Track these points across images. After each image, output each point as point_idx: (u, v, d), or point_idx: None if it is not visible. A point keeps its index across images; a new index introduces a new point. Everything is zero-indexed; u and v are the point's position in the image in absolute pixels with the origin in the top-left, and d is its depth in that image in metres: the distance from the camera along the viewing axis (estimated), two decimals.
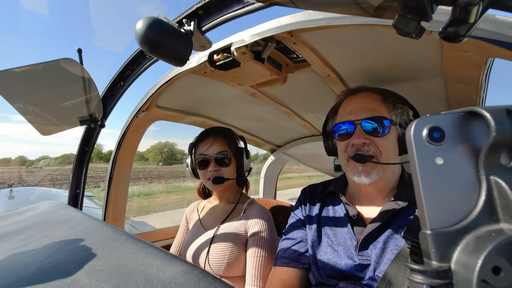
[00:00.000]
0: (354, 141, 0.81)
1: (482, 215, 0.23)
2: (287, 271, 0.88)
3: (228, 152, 1.19)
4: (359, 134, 0.81)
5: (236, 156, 1.21)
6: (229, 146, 1.21)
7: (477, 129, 0.25)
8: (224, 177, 1.17)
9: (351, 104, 0.86)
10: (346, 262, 0.78)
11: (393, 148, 0.81)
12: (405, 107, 0.84)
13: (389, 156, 0.80)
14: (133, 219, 7.04)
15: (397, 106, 0.83)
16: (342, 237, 0.83)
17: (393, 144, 0.81)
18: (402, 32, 0.34)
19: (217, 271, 1.06)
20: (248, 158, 1.24)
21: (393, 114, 0.82)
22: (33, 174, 35.12)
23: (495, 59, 0.71)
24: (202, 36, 0.76)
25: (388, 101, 0.83)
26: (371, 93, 0.86)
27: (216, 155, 1.18)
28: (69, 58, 0.90)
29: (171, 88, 1.23)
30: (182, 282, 0.38)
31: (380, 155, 0.79)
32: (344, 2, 0.36)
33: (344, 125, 0.84)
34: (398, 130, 0.82)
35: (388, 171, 0.82)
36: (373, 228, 0.77)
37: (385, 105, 0.83)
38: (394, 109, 0.82)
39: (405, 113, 0.83)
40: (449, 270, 0.22)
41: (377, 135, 0.79)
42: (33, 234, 0.68)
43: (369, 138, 0.80)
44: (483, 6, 0.29)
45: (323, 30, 0.74)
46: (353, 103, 0.86)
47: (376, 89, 0.88)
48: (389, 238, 0.75)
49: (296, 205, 1.04)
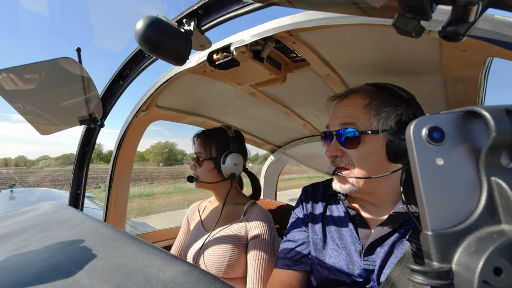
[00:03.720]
0: (326, 154, 0.81)
1: (483, 216, 0.23)
2: (288, 274, 0.87)
3: (201, 153, 1.22)
4: (332, 146, 0.79)
5: (211, 159, 1.20)
6: (204, 148, 1.22)
7: (477, 129, 0.25)
8: (194, 177, 1.22)
9: (335, 112, 0.83)
10: (351, 267, 0.77)
11: (372, 159, 0.75)
12: (393, 110, 0.75)
13: (363, 168, 0.74)
14: (134, 220, 7.04)
15: (380, 110, 0.75)
16: (347, 241, 0.82)
17: (372, 154, 0.75)
18: (402, 32, 0.34)
19: (217, 272, 1.06)
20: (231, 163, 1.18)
21: (374, 121, 0.75)
22: (34, 175, 35.14)
23: (494, 58, 0.71)
24: (201, 35, 0.76)
25: (371, 105, 0.76)
26: (358, 96, 0.80)
27: (193, 154, 1.26)
28: (68, 57, 0.90)
29: (171, 88, 1.23)
30: (182, 282, 0.38)
31: (353, 167, 0.76)
32: (343, 1, 0.36)
33: (324, 135, 0.83)
34: (382, 137, 0.74)
35: (369, 180, 0.75)
36: (381, 234, 0.75)
37: (366, 110, 0.76)
38: (377, 115, 0.75)
39: (391, 116, 0.75)
40: (450, 271, 0.22)
41: (349, 147, 0.76)
42: (34, 235, 0.68)
43: (342, 150, 0.77)
44: (483, 5, 0.29)
45: (323, 29, 0.74)
46: (337, 110, 0.83)
47: (369, 90, 0.81)
48: (395, 243, 0.73)
49: (297, 204, 1.01)
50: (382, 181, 0.77)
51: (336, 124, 0.79)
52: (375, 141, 0.75)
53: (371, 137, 0.74)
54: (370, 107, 0.76)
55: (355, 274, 0.76)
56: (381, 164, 0.75)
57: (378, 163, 0.75)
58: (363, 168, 0.75)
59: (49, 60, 0.86)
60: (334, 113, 0.83)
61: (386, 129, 0.74)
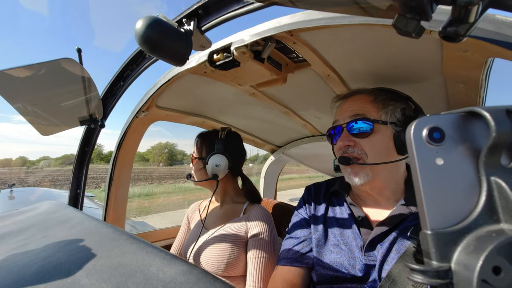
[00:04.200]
0: (338, 144, 0.83)
1: (482, 215, 0.23)
2: (290, 270, 0.88)
3: (194, 153, 1.31)
4: (344, 137, 0.82)
5: (200, 159, 1.27)
6: (197, 148, 1.30)
7: (477, 130, 0.25)
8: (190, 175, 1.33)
9: (341, 108, 0.87)
10: (352, 262, 0.78)
11: (382, 148, 0.78)
12: (398, 104, 0.80)
13: (377, 157, 0.77)
14: (133, 219, 7.04)
15: (387, 104, 0.80)
16: (348, 237, 0.83)
17: (383, 144, 0.78)
18: (402, 32, 0.34)
19: (216, 270, 1.06)
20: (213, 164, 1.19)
21: (383, 113, 0.79)
22: (34, 175, 35.16)
23: (495, 59, 0.71)
24: (201, 35, 0.76)
25: (378, 100, 0.81)
26: (362, 95, 0.85)
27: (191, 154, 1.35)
28: (69, 58, 0.90)
29: (171, 88, 1.23)
30: (182, 281, 0.38)
31: (366, 157, 0.78)
32: (343, 1, 0.36)
33: (334, 130, 0.86)
34: (391, 129, 0.78)
35: (380, 171, 0.78)
36: (382, 231, 0.76)
37: (374, 104, 0.81)
38: (384, 107, 0.79)
39: (397, 110, 0.79)
40: (450, 270, 0.22)
41: (361, 137, 0.79)
42: (34, 234, 0.68)
43: (354, 140, 0.80)
44: (483, 5, 0.29)
45: (323, 29, 0.74)
46: (343, 106, 0.87)
47: (370, 90, 0.86)
48: (396, 239, 0.74)
49: (299, 204, 1.02)
50: (390, 174, 0.81)
51: (346, 117, 0.82)
52: (384, 132, 0.78)
53: (381, 127, 0.78)
54: (377, 102, 0.81)
55: (356, 270, 0.77)
56: (391, 155, 0.78)
57: (388, 154, 0.78)
58: (376, 157, 0.77)
59: (50, 61, 0.86)
60: (341, 109, 0.87)
61: (393, 122, 0.78)
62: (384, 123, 0.78)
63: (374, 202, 0.86)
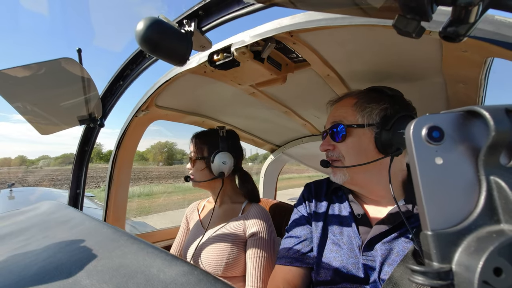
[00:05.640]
0: (320, 148, 0.89)
1: (482, 215, 0.23)
2: (290, 270, 0.88)
3: (194, 154, 1.27)
4: (325, 142, 0.89)
5: (202, 159, 1.24)
6: (197, 148, 1.27)
7: (477, 129, 0.25)
8: (189, 177, 1.28)
9: (329, 114, 0.92)
10: (351, 261, 0.78)
11: (359, 150, 0.80)
12: (377, 105, 0.80)
13: (353, 159, 0.81)
14: (133, 219, 7.04)
15: (364, 107, 0.81)
16: (347, 236, 0.83)
17: (360, 146, 0.80)
18: (402, 32, 0.34)
19: (216, 271, 1.06)
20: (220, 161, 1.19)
21: (360, 116, 0.81)
22: (33, 174, 35.11)
23: (494, 58, 0.71)
24: (202, 36, 0.76)
25: (358, 103, 0.83)
26: (348, 98, 0.87)
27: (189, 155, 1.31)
28: (69, 58, 0.90)
29: (171, 88, 1.23)
30: (182, 282, 0.38)
31: (344, 159, 0.83)
32: (343, 2, 0.36)
33: (322, 135, 0.92)
34: (369, 130, 0.80)
35: (358, 171, 0.81)
36: (380, 230, 0.76)
37: (353, 108, 0.83)
38: (361, 111, 0.82)
39: (375, 111, 0.80)
40: (450, 271, 0.22)
41: (339, 141, 0.84)
42: (34, 235, 0.68)
43: (333, 145, 0.86)
44: (483, 6, 0.29)
45: (323, 30, 0.74)
46: (332, 111, 0.92)
47: (357, 92, 0.87)
48: (395, 240, 0.74)
49: (299, 201, 1.01)
50: (376, 174, 0.82)
51: (328, 123, 0.89)
52: (362, 135, 0.81)
53: (358, 130, 0.81)
54: (357, 105, 0.83)
55: (355, 270, 0.77)
56: (371, 156, 0.80)
57: (367, 155, 0.80)
58: (351, 159, 0.81)
59: (49, 61, 0.86)
60: (329, 115, 0.92)
61: (372, 123, 0.80)
62: (361, 126, 0.80)
63: (372, 202, 0.86)
